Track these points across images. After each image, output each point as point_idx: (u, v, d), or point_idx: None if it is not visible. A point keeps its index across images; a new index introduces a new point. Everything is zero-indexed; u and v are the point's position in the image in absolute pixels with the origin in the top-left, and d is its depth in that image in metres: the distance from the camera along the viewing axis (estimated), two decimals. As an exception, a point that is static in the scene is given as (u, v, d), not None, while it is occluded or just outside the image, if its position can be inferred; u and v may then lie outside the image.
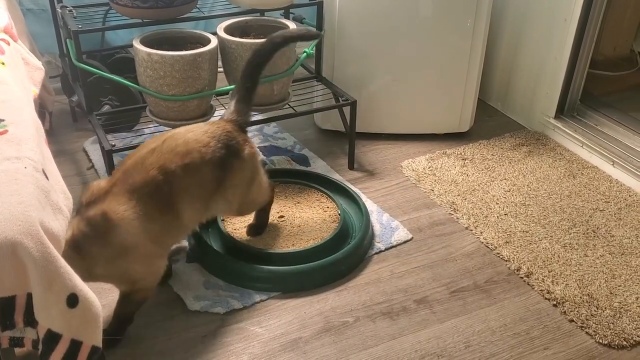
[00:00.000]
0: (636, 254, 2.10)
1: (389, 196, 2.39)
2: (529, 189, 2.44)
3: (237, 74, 2.23)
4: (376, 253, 2.09)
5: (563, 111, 2.83)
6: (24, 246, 1.14)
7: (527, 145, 2.75)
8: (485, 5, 2.55)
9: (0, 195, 1.20)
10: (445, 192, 2.41)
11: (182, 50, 2.10)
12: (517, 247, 2.12)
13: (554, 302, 1.90)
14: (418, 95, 2.71)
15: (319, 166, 2.55)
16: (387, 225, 2.21)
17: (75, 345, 1.27)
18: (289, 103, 2.46)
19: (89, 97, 2.28)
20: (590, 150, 2.64)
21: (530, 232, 2.20)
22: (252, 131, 2.72)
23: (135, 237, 1.55)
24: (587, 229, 2.22)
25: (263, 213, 2.07)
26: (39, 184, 1.29)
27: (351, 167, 2.56)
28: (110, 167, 2.10)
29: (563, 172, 2.57)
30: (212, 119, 2.04)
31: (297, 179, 2.35)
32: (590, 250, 2.12)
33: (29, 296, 1.20)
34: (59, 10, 2.33)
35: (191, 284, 1.91)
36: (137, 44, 2.09)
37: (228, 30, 2.26)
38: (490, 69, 3.00)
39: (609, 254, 2.10)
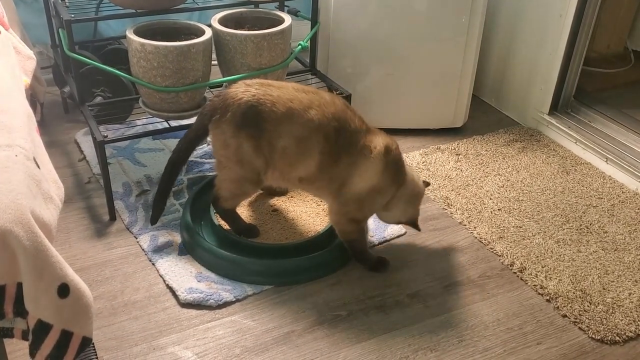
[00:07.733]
0: (629, 250, 2.11)
1: (382, 190, 2.38)
2: (523, 184, 2.44)
3: (231, 66, 2.22)
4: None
5: (557, 107, 2.83)
6: (14, 235, 1.12)
7: (520, 141, 2.75)
8: (480, 1, 2.55)
9: (-10, 183, 1.18)
10: (439, 187, 2.40)
11: (175, 41, 2.08)
12: (511, 242, 2.12)
13: (547, 297, 1.90)
14: (412, 90, 2.71)
15: (312, 160, 2.53)
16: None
17: (66, 336, 1.25)
18: (283, 96, 2.44)
19: (81, 88, 2.26)
20: (583, 146, 2.64)
21: (524, 227, 2.19)
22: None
23: None
24: (581, 225, 2.22)
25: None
26: (30, 172, 1.27)
27: (345, 161, 2.55)
28: (102, 158, 2.08)
29: (556, 168, 2.57)
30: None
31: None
32: (584, 246, 2.12)
33: (19, 286, 1.18)
34: (51, 0, 2.31)
35: (184, 277, 1.89)
36: (130, 34, 2.07)
37: (222, 21, 2.25)
38: (485, 64, 3.00)
39: (602, 249, 2.10)
